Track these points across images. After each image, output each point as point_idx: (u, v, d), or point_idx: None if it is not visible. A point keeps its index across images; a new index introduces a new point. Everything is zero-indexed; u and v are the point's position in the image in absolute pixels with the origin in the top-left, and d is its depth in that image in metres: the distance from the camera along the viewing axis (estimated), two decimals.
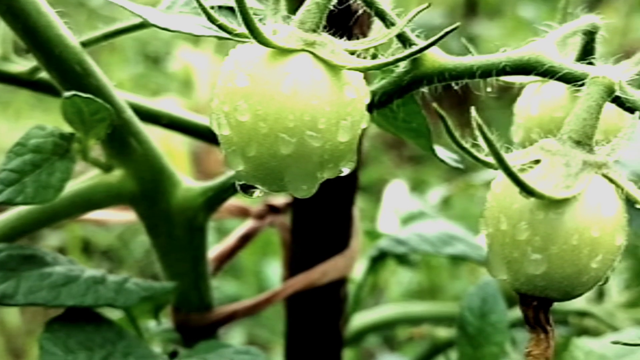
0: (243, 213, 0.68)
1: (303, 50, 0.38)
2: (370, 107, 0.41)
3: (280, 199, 0.67)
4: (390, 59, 0.39)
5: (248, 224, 0.67)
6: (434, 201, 1.14)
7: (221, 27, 0.39)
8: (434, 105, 0.35)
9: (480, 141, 0.37)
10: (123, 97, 0.52)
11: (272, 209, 0.67)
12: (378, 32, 0.42)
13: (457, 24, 0.41)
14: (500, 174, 0.36)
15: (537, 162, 0.35)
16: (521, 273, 0.35)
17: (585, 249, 0.34)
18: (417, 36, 0.43)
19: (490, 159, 0.34)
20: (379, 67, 0.39)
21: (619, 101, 0.38)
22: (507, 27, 2.79)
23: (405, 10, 0.46)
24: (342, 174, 0.41)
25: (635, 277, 1.04)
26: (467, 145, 0.35)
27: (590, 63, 0.49)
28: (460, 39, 0.51)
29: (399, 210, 0.82)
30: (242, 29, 0.39)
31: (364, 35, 0.56)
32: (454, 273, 1.36)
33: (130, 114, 0.52)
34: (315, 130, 0.38)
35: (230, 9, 0.49)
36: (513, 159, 0.35)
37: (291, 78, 0.37)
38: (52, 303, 0.48)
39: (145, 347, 0.51)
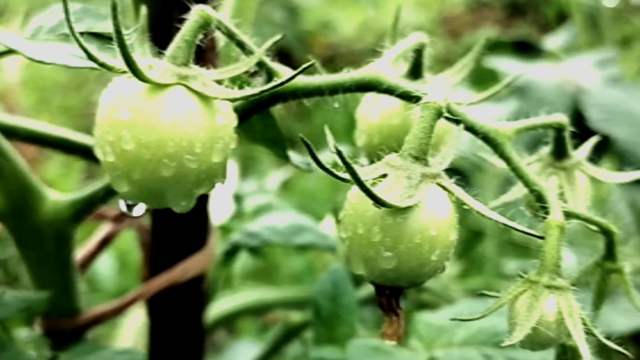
0: (100, 217, 0.74)
1: (178, 83, 0.46)
2: None
3: None
4: (256, 90, 0.47)
5: (106, 228, 0.74)
6: (273, 185, 1.24)
7: (103, 65, 0.46)
8: (301, 135, 0.44)
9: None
10: None
11: None
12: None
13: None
14: (355, 187, 0.45)
15: (384, 175, 0.45)
16: (376, 268, 0.45)
17: (427, 246, 0.44)
18: None
19: (347, 176, 0.44)
20: (245, 98, 0.47)
21: (446, 117, 0.49)
22: None
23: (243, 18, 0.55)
24: (216, 189, 0.49)
25: (463, 248, 1.19)
26: (327, 165, 0.44)
27: (421, 75, 0.61)
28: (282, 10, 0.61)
29: (245, 200, 0.92)
30: (120, 64, 0.46)
31: (214, 48, 0.65)
32: (287, 252, 1.47)
33: None
34: (192, 154, 0.46)
35: (94, 35, 0.56)
36: (365, 174, 0.44)
37: (169, 110, 0.45)
38: None
39: (26, 355, 0.57)
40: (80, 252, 0.71)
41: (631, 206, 1.15)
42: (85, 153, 0.69)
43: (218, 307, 0.88)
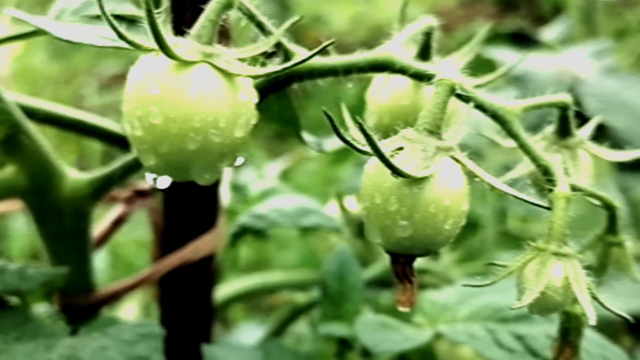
0: (112, 199, 0.77)
1: (203, 61, 0.49)
2: None
3: (146, 184, 0.78)
4: (277, 67, 0.51)
5: (118, 209, 0.77)
6: (273, 174, 1.27)
7: (131, 43, 0.49)
8: (323, 109, 0.47)
9: (353, 132, 0.50)
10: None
11: (140, 194, 0.77)
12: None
13: None
14: (373, 160, 0.48)
15: (400, 148, 0.49)
16: (392, 236, 0.48)
17: (441, 215, 0.48)
18: None
19: (367, 148, 0.47)
20: (267, 75, 0.51)
21: (458, 95, 0.52)
22: None
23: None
24: (238, 164, 0.52)
25: (462, 235, 1.22)
26: (348, 138, 0.48)
27: (429, 57, 0.64)
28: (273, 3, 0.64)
29: (248, 186, 0.95)
30: (147, 42, 0.49)
31: (227, 33, 0.68)
32: (281, 245, 1.50)
33: (20, 114, 0.61)
34: (217, 129, 0.49)
35: (115, 17, 0.59)
36: (383, 147, 0.48)
37: (196, 86, 0.48)
38: None
39: (49, 327, 0.61)
40: (94, 232, 0.74)
41: (623, 193, 1.18)
42: (99, 135, 0.72)
43: (229, 287, 0.91)
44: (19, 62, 2.18)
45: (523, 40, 1.43)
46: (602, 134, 1.13)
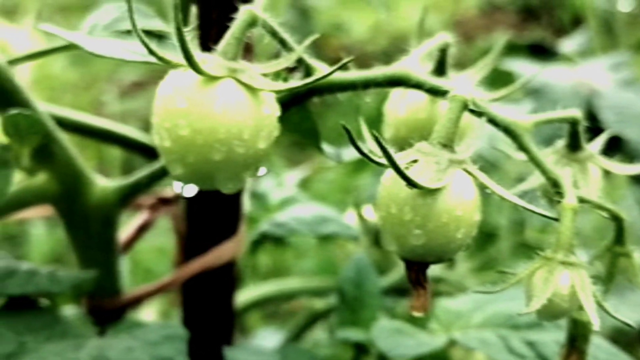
0: (136, 206, 0.81)
1: (229, 76, 0.53)
2: None
3: (170, 192, 0.81)
4: (299, 83, 0.54)
5: (143, 216, 0.80)
6: (292, 183, 1.30)
7: (161, 59, 0.53)
8: (343, 123, 0.51)
9: (370, 144, 0.53)
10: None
11: (163, 201, 0.81)
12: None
13: None
14: (389, 171, 0.52)
15: (415, 161, 0.52)
16: (406, 244, 0.51)
17: (453, 225, 0.51)
18: None
19: (383, 160, 0.50)
20: (289, 90, 0.54)
21: (470, 110, 0.55)
22: None
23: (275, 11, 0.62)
24: (260, 174, 0.56)
25: (478, 246, 1.25)
26: (365, 150, 0.51)
27: (445, 72, 0.67)
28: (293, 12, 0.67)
29: (268, 194, 0.98)
30: (176, 58, 0.53)
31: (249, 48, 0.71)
32: (301, 252, 1.53)
33: (52, 124, 0.64)
34: (241, 140, 0.52)
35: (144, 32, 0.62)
36: (398, 159, 0.51)
37: (221, 100, 0.51)
38: (2, 292, 0.60)
39: (77, 328, 0.64)
40: (120, 237, 0.77)
41: None
42: (122, 142, 0.76)
43: (249, 293, 0.94)
44: (39, 68, 2.23)
45: (542, 52, 1.46)
46: (618, 146, 1.16)
